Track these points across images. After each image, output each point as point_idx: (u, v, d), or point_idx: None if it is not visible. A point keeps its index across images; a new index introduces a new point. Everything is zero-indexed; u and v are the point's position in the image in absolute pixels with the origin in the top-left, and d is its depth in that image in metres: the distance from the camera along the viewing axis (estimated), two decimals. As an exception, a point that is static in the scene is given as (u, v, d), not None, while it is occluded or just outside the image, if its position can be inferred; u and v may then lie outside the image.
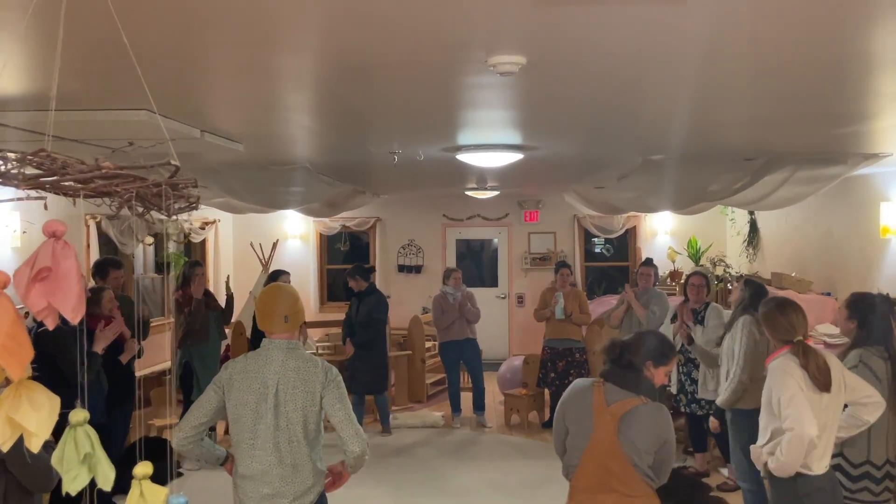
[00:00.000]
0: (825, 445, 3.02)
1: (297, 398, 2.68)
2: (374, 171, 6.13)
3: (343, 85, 2.55)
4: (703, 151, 4.77)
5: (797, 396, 2.90)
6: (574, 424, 2.76)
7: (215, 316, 6.39)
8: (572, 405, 2.79)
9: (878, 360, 3.44)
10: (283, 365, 2.72)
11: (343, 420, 2.70)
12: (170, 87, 2.62)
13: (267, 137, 3.92)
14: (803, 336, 3.05)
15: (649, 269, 6.63)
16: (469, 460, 6.33)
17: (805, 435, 2.85)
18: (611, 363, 2.85)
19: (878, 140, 4.27)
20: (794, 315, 3.09)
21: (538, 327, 7.84)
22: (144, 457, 5.91)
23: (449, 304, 7.36)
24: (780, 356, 3.07)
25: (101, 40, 1.77)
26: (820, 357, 3.01)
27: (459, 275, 7.51)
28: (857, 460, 3.38)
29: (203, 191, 5.78)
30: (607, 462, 2.69)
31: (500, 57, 1.97)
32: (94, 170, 1.10)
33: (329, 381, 2.72)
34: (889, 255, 5.96)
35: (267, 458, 2.69)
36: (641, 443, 2.70)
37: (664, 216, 9.98)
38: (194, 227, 9.13)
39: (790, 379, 2.94)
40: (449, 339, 7.39)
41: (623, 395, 2.73)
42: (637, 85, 2.67)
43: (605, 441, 2.68)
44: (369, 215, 10.43)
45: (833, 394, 2.98)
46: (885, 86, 2.66)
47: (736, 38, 2.02)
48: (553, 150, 4.55)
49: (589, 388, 2.79)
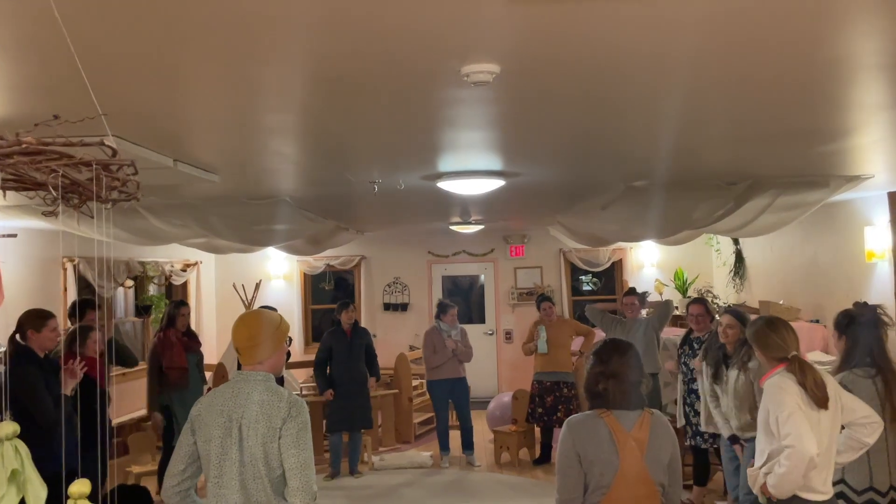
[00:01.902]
0: (826, 468, 2.91)
1: (259, 432, 2.51)
2: (356, 205, 6.07)
3: (318, 101, 2.50)
4: (685, 177, 4.75)
5: (795, 414, 2.81)
6: (596, 463, 2.57)
7: (196, 359, 6.24)
8: (588, 443, 2.59)
9: (862, 381, 3.36)
10: (248, 398, 2.56)
11: (294, 467, 2.49)
12: (139, 111, 2.54)
13: (243, 167, 3.85)
14: (797, 351, 2.98)
15: (632, 297, 6.56)
16: (459, 501, 6.13)
17: (805, 452, 2.75)
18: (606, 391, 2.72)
19: (860, 161, 4.26)
20: (785, 331, 3.03)
21: (527, 363, 7.72)
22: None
23: (441, 342, 7.22)
24: (776, 374, 2.98)
25: (52, 54, 1.69)
26: (817, 372, 2.93)
27: (455, 311, 7.37)
28: (860, 487, 3.27)
29: (182, 229, 5.70)
30: (636, 491, 2.57)
31: (473, 66, 1.92)
32: (13, 145, 1.00)
33: (290, 417, 2.52)
34: (875, 279, 5.93)
35: (233, 497, 2.51)
36: (664, 455, 2.63)
37: (650, 249, 9.97)
38: (176, 269, 9.00)
39: (787, 396, 2.85)
40: (439, 377, 7.25)
41: (633, 416, 2.64)
42: (618, 99, 2.63)
43: (634, 469, 2.56)
44: (354, 253, 10.35)
45: (830, 411, 2.89)
46: (865, 95, 2.64)
47: (717, 46, 1.99)
48: (535, 176, 4.51)
49: (597, 420, 2.63)
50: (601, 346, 2.81)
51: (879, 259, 5.81)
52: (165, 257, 8.72)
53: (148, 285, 8.59)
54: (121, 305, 8.66)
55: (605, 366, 2.70)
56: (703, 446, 5.33)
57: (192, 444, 2.62)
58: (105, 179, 1.08)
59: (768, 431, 2.92)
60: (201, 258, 9.47)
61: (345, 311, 6.96)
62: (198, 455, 2.62)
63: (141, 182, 3.88)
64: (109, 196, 1.14)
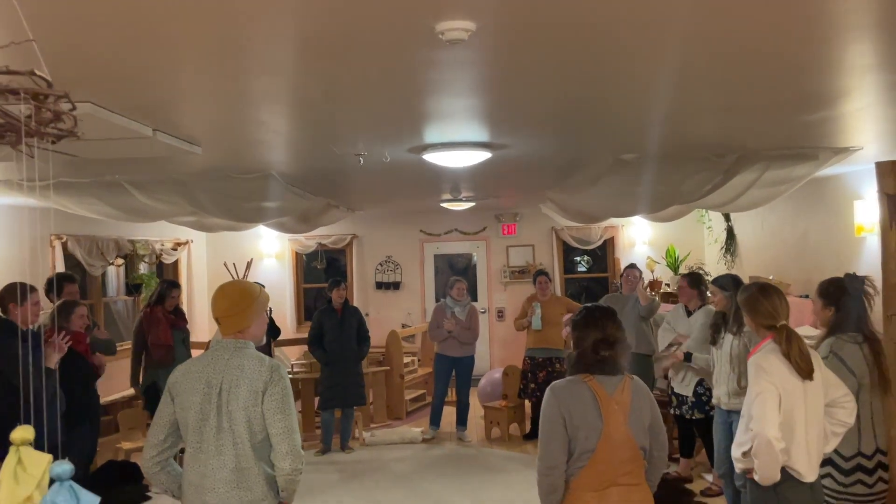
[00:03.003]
0: (815, 444, 2.91)
1: (240, 397, 2.51)
2: (344, 181, 6.03)
3: (300, 65, 2.46)
4: (674, 149, 4.72)
5: (764, 394, 2.83)
6: (581, 427, 2.59)
7: (182, 336, 6.23)
8: (573, 407, 2.61)
9: (850, 346, 3.37)
10: (227, 363, 2.56)
11: (280, 432, 2.50)
12: (115, 75, 2.50)
13: (226, 138, 3.81)
14: (786, 321, 2.97)
15: (635, 270, 6.55)
16: (450, 474, 6.16)
17: (764, 435, 2.77)
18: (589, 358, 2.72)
19: (849, 131, 4.23)
20: (777, 299, 3.02)
21: (519, 341, 7.73)
22: (113, 481, 5.72)
23: (445, 318, 7.21)
24: (761, 350, 2.99)
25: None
26: (803, 343, 2.93)
27: (464, 286, 7.35)
28: (848, 453, 3.29)
29: (170, 206, 5.65)
30: (620, 454, 2.59)
31: (448, 23, 1.89)
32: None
33: (273, 382, 2.52)
34: (864, 253, 5.94)
35: (210, 462, 2.51)
36: (644, 417, 2.66)
37: (642, 226, 9.96)
38: (166, 248, 8.96)
39: (763, 375, 2.87)
40: (443, 352, 7.28)
41: (615, 381, 2.66)
42: (603, 65, 2.60)
43: (618, 432, 2.59)
44: (345, 232, 10.32)
45: (816, 383, 2.89)
46: (853, 57, 2.61)
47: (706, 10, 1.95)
48: (522, 149, 4.47)
49: (581, 385, 2.65)
50: (589, 313, 2.78)
51: (868, 233, 5.81)
52: (156, 236, 8.68)
53: (138, 264, 8.55)
54: (112, 284, 8.63)
55: (603, 332, 2.69)
56: (687, 416, 5.38)
57: (171, 413, 2.61)
58: (41, 113, 1.04)
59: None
60: (192, 237, 9.43)
61: (336, 290, 6.96)
62: (178, 423, 2.61)
63: (120, 154, 3.84)
64: (44, 130, 1.09)
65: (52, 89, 1.05)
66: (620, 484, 2.60)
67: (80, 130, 1.23)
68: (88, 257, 7.38)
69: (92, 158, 3.89)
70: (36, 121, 1.04)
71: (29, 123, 1.03)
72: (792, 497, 2.88)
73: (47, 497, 1.24)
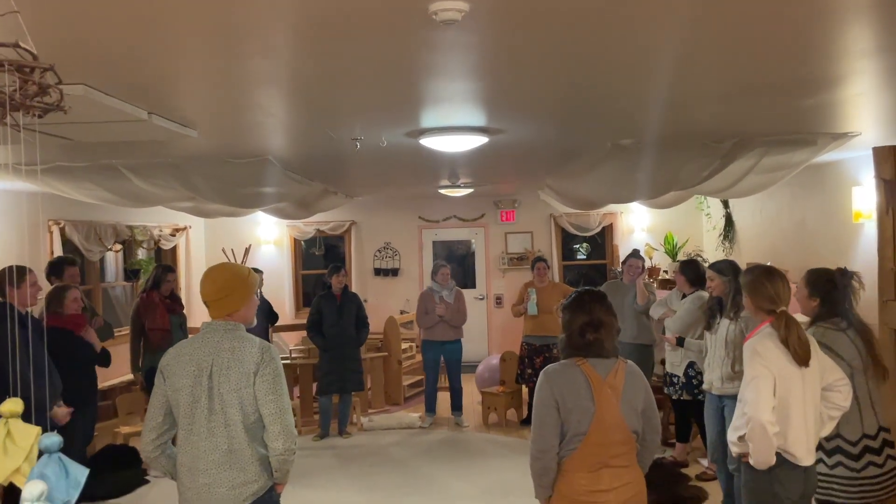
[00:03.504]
0: (813, 428, 2.92)
1: (231, 379, 2.52)
2: (341, 166, 6.01)
3: (297, 46, 2.45)
4: (672, 135, 4.70)
5: (759, 379, 2.84)
6: (574, 410, 2.61)
7: (180, 320, 6.24)
8: (566, 390, 2.62)
9: (832, 333, 3.37)
10: (217, 346, 2.56)
11: (272, 413, 2.51)
12: (109, 57, 2.49)
13: (222, 121, 3.79)
14: (786, 307, 2.98)
15: (638, 260, 6.54)
16: (447, 459, 6.20)
17: (757, 419, 2.78)
18: (576, 341, 2.74)
19: (847, 116, 4.22)
20: (781, 284, 3.02)
21: (517, 328, 7.74)
22: (111, 465, 5.72)
23: (433, 304, 7.24)
24: (757, 334, 2.99)
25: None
26: (802, 330, 2.94)
27: (448, 270, 7.40)
28: (853, 437, 3.30)
29: (167, 191, 5.64)
30: (612, 436, 2.61)
31: (441, 3, 1.88)
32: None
33: (264, 363, 2.53)
34: (862, 239, 5.93)
35: (202, 444, 2.52)
36: (637, 401, 2.67)
37: (640, 213, 9.95)
38: (164, 234, 8.95)
39: (758, 359, 2.88)
40: (431, 338, 7.29)
41: (609, 364, 2.68)
42: (601, 47, 2.58)
43: (610, 415, 2.61)
44: (344, 218, 10.32)
45: (812, 369, 2.90)
46: (851, 42, 2.59)
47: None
48: (520, 134, 4.46)
49: (574, 368, 2.66)
50: (579, 297, 2.80)
51: (866, 219, 5.80)
52: (154, 221, 8.68)
53: (136, 250, 8.55)
54: (110, 270, 8.63)
55: (589, 316, 2.70)
56: (674, 396, 5.43)
57: (165, 395, 2.62)
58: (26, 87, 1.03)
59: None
60: (190, 223, 9.42)
61: (335, 275, 6.98)
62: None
63: (115, 138, 3.82)
64: (30, 103, 1.08)
65: (37, 61, 1.04)
66: (612, 465, 2.62)
67: (66, 105, 1.22)
68: (86, 242, 7.38)
69: (87, 142, 3.88)
70: (21, 93, 1.04)
71: (14, 96, 1.03)
72: (786, 481, 2.90)
73: (36, 469, 1.25)
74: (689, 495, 5.06)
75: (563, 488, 2.64)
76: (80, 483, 1.27)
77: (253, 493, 2.55)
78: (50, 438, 1.25)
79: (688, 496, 5.04)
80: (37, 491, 1.18)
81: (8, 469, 1.23)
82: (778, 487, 2.90)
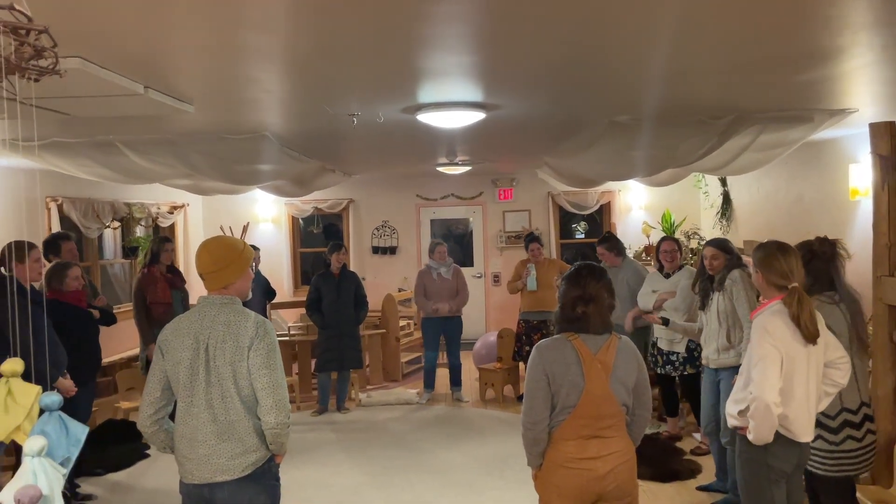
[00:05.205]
0: (814, 405, 2.95)
1: (226, 352, 2.54)
2: (339, 143, 6.00)
3: (295, 19, 2.44)
4: (669, 111, 4.70)
5: (766, 359, 2.84)
6: (563, 384, 2.65)
7: (182, 295, 6.26)
8: (556, 364, 2.67)
9: (828, 307, 3.39)
10: (213, 319, 2.59)
11: (265, 387, 2.53)
12: (105, 29, 2.48)
13: (219, 96, 3.78)
14: (799, 283, 2.96)
15: (601, 247, 6.54)
16: (444, 433, 6.26)
17: (763, 399, 2.80)
18: (568, 314, 2.77)
19: (845, 92, 4.21)
20: (795, 259, 3.00)
21: (514, 305, 7.78)
22: (111, 440, 5.75)
23: (432, 283, 7.27)
24: (766, 310, 2.97)
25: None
26: (812, 306, 2.93)
27: (444, 248, 7.43)
28: (832, 411, 3.33)
29: (164, 167, 5.64)
30: (601, 409, 2.65)
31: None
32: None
33: (258, 337, 2.55)
34: (858, 216, 5.95)
35: (201, 416, 2.56)
36: (629, 378, 2.71)
37: (638, 191, 9.96)
38: (162, 211, 8.96)
39: (767, 338, 2.87)
40: (431, 315, 7.32)
41: (600, 340, 2.71)
42: (599, 19, 2.58)
43: (599, 389, 2.65)
44: (342, 197, 10.31)
45: (819, 346, 2.92)
46: (850, 13, 2.59)
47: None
48: (517, 109, 4.45)
49: (565, 343, 2.70)
50: (576, 270, 2.83)
51: (863, 196, 5.82)
52: (152, 199, 8.67)
53: (135, 227, 8.56)
54: (108, 247, 8.64)
55: (582, 290, 2.73)
56: (675, 374, 5.48)
57: (164, 370, 2.64)
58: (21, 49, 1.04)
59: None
60: (188, 200, 9.42)
61: (335, 254, 6.99)
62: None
63: (111, 112, 3.81)
64: (25, 66, 1.09)
65: (32, 23, 1.05)
66: (601, 436, 2.68)
67: (62, 69, 1.23)
68: (84, 220, 7.38)
69: (83, 117, 3.87)
70: (16, 56, 1.04)
71: (10, 58, 1.03)
72: (781, 454, 2.94)
73: (37, 426, 1.28)
74: (683, 469, 5.13)
75: (553, 456, 2.70)
76: (80, 441, 1.30)
77: (252, 462, 2.59)
78: (50, 397, 1.28)
79: (681, 469, 5.11)
80: (37, 446, 1.21)
81: (9, 426, 1.26)
82: (773, 460, 2.94)
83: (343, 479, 5.25)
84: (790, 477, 3.03)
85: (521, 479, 4.80)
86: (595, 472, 2.65)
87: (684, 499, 4.71)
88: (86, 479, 5.23)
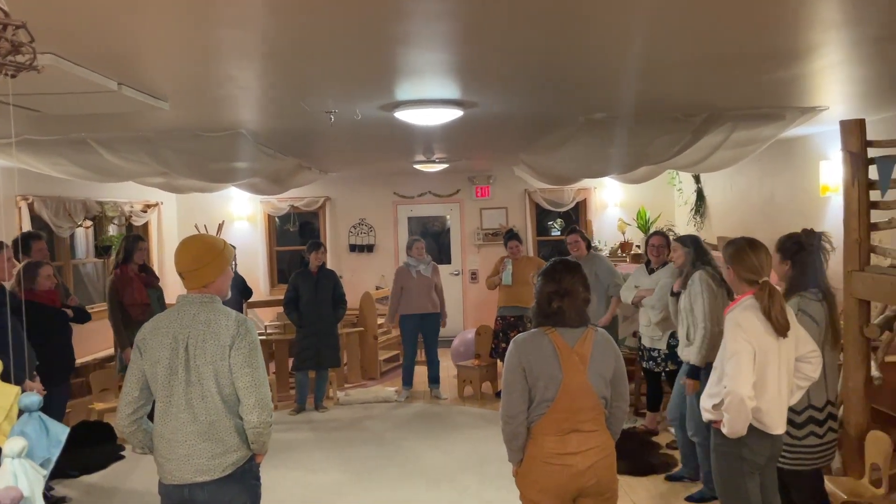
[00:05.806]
0: (786, 398, 3.00)
1: (207, 351, 2.52)
2: (315, 140, 5.98)
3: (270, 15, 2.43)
4: (643, 108, 4.75)
5: (740, 354, 2.89)
6: (541, 377, 2.67)
7: (157, 294, 6.19)
8: (533, 358, 2.69)
9: (815, 304, 3.46)
10: (193, 318, 2.56)
11: (247, 386, 2.51)
12: (78, 25, 2.45)
13: (194, 93, 3.74)
14: (768, 277, 3.02)
15: (575, 235, 6.61)
16: (422, 431, 6.27)
17: (737, 393, 2.85)
18: (544, 309, 2.79)
19: (816, 91, 4.29)
20: (765, 255, 3.06)
21: (492, 302, 7.80)
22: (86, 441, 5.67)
23: (411, 280, 7.26)
24: (738, 305, 3.02)
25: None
26: (783, 300, 2.99)
27: (422, 244, 7.43)
28: (799, 407, 3.39)
29: (137, 165, 5.57)
30: (579, 402, 2.67)
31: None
32: None
33: (239, 336, 2.53)
34: (829, 212, 6.06)
35: (181, 416, 2.53)
36: (606, 369, 2.73)
37: (613, 188, 10.04)
38: (136, 210, 8.84)
39: (740, 332, 2.92)
40: (409, 311, 7.32)
41: (577, 333, 2.73)
42: (573, 15, 2.60)
43: (576, 382, 2.67)
44: (318, 194, 10.26)
45: (789, 340, 2.97)
46: (821, 11, 2.63)
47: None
48: (493, 107, 4.47)
49: (542, 336, 2.72)
50: (551, 266, 2.85)
51: (833, 192, 5.93)
52: (125, 197, 8.56)
53: (107, 226, 8.44)
54: (81, 246, 8.51)
55: (557, 285, 2.76)
56: (655, 370, 5.54)
57: (142, 369, 2.61)
58: None
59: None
60: (162, 198, 9.31)
61: (314, 252, 6.96)
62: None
63: (84, 110, 3.76)
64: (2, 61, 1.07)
65: (9, 18, 1.03)
66: (580, 430, 2.70)
67: (39, 64, 1.21)
68: (55, 218, 7.26)
69: (56, 114, 3.81)
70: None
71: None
72: (755, 446, 2.99)
73: (16, 427, 1.26)
74: (660, 462, 5.19)
75: (533, 451, 2.72)
76: (60, 441, 1.28)
77: (232, 462, 2.57)
78: (30, 398, 1.26)
79: (658, 463, 5.17)
80: (17, 447, 1.19)
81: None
82: (746, 452, 3.00)
83: (322, 477, 5.23)
84: (763, 469, 3.09)
85: (500, 474, 4.82)
86: (575, 467, 2.67)
87: (660, 491, 4.76)
88: (60, 481, 5.16)
